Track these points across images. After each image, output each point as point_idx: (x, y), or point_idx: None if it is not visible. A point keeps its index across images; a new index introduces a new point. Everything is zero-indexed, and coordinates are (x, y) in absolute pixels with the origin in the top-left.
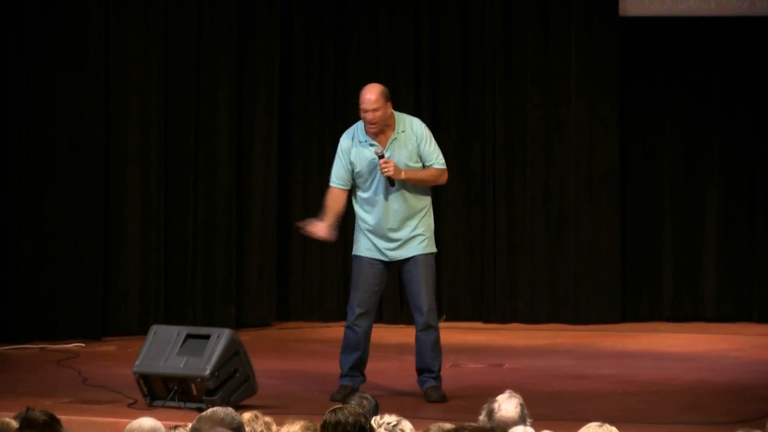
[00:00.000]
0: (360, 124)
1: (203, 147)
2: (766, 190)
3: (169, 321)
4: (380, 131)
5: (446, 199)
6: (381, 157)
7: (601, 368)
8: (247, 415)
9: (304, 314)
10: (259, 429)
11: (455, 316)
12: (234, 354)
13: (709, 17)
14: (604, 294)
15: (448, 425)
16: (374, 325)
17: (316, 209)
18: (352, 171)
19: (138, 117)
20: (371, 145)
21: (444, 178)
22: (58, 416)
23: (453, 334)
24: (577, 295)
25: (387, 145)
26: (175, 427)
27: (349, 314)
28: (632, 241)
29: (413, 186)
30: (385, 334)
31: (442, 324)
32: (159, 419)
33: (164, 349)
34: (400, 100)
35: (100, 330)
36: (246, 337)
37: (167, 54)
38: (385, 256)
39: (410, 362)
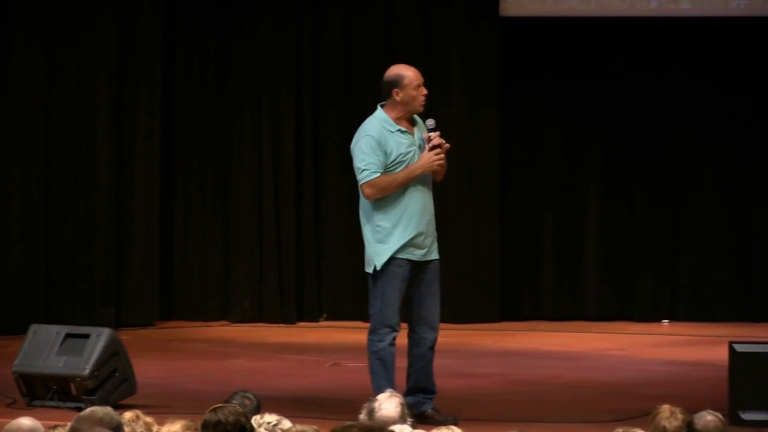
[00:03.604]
0: (379, 117)
1: (83, 145)
2: (644, 190)
3: (50, 320)
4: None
5: (329, 193)
6: (434, 130)
7: (481, 367)
8: (128, 415)
9: (185, 314)
10: (140, 429)
11: (336, 315)
12: (114, 353)
13: (590, 17)
14: (484, 292)
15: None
16: (256, 324)
17: (197, 209)
18: (385, 164)
19: (19, 114)
20: (405, 128)
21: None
22: None
23: (334, 333)
24: (457, 294)
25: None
26: (55, 426)
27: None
28: (512, 240)
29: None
30: (266, 333)
31: (321, 323)
32: (38, 419)
33: (44, 348)
34: (280, 99)
35: None
36: (127, 336)
37: (50, 49)
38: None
39: (292, 361)
